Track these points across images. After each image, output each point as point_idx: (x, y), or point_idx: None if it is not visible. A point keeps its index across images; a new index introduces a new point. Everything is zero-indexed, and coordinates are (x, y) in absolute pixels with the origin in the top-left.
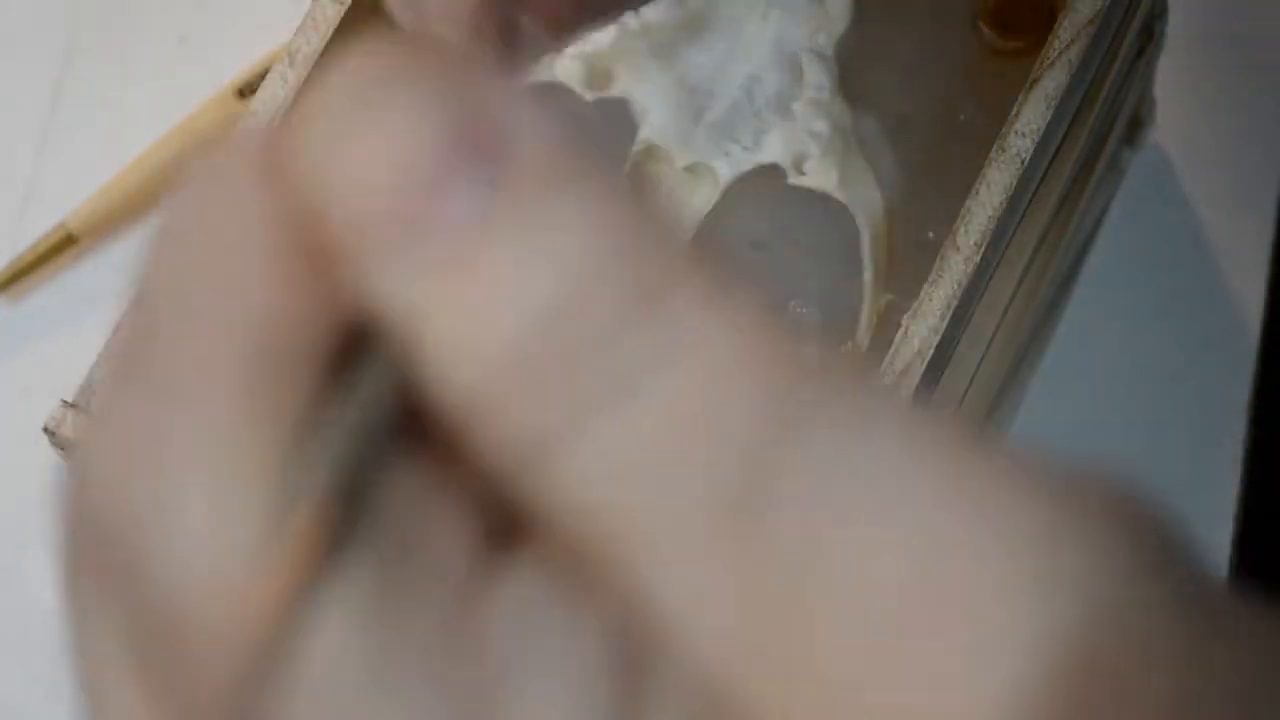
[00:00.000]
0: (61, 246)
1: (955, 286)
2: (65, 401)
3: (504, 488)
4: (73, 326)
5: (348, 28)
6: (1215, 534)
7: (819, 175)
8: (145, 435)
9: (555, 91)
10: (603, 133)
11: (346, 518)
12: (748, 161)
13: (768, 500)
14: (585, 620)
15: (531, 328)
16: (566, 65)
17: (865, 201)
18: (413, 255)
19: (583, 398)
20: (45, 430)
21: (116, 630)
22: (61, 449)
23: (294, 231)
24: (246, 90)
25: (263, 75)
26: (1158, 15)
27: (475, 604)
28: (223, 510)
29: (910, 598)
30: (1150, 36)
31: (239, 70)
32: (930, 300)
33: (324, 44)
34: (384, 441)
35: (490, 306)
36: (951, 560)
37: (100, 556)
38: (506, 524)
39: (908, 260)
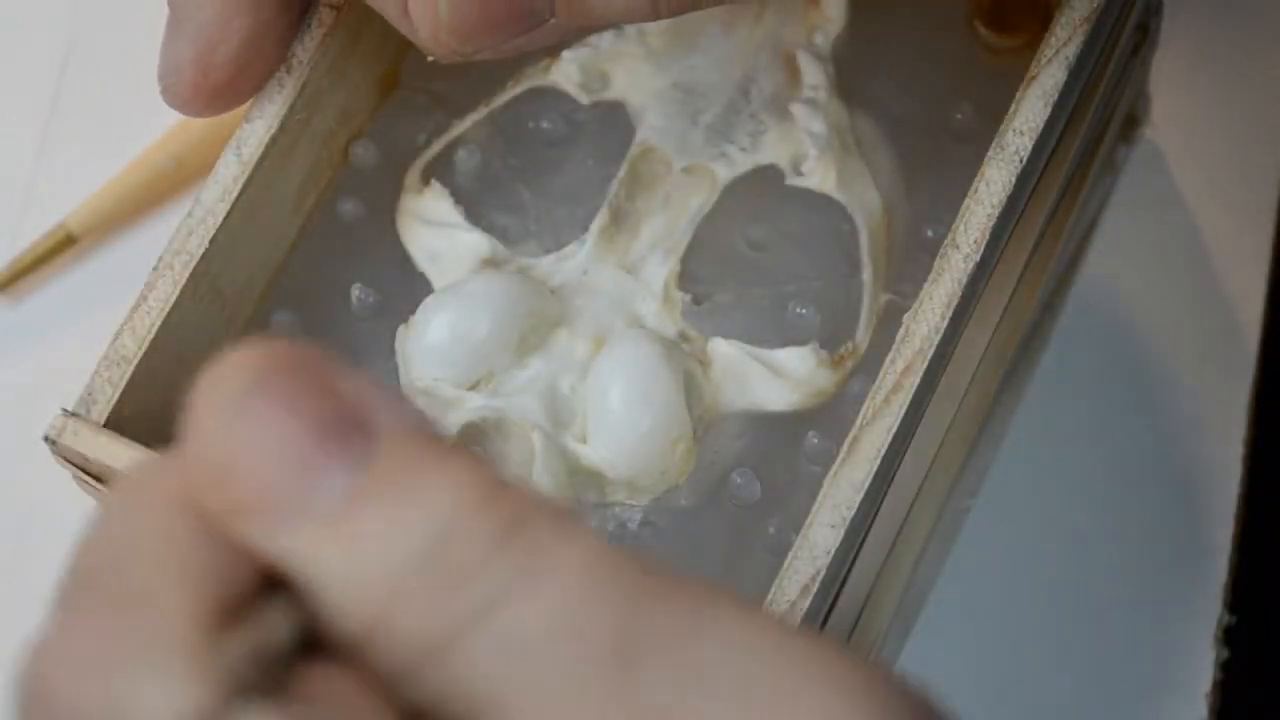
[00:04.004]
0: (61, 246)
1: (956, 285)
2: (65, 410)
3: (398, 687)
4: (73, 326)
5: (344, 33)
6: (1215, 533)
7: (817, 176)
8: (94, 640)
9: (552, 96)
10: (599, 136)
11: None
12: (745, 163)
13: (633, 678)
14: None
15: (409, 563)
16: (562, 69)
17: (863, 201)
18: (299, 520)
19: (463, 609)
20: (46, 439)
21: None
22: (62, 458)
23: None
24: None
25: None
26: (1153, 11)
27: None
28: (170, 694)
29: None
30: (1145, 33)
31: None
32: (931, 299)
33: (320, 49)
34: (295, 646)
35: (369, 552)
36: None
37: None
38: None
39: (907, 259)
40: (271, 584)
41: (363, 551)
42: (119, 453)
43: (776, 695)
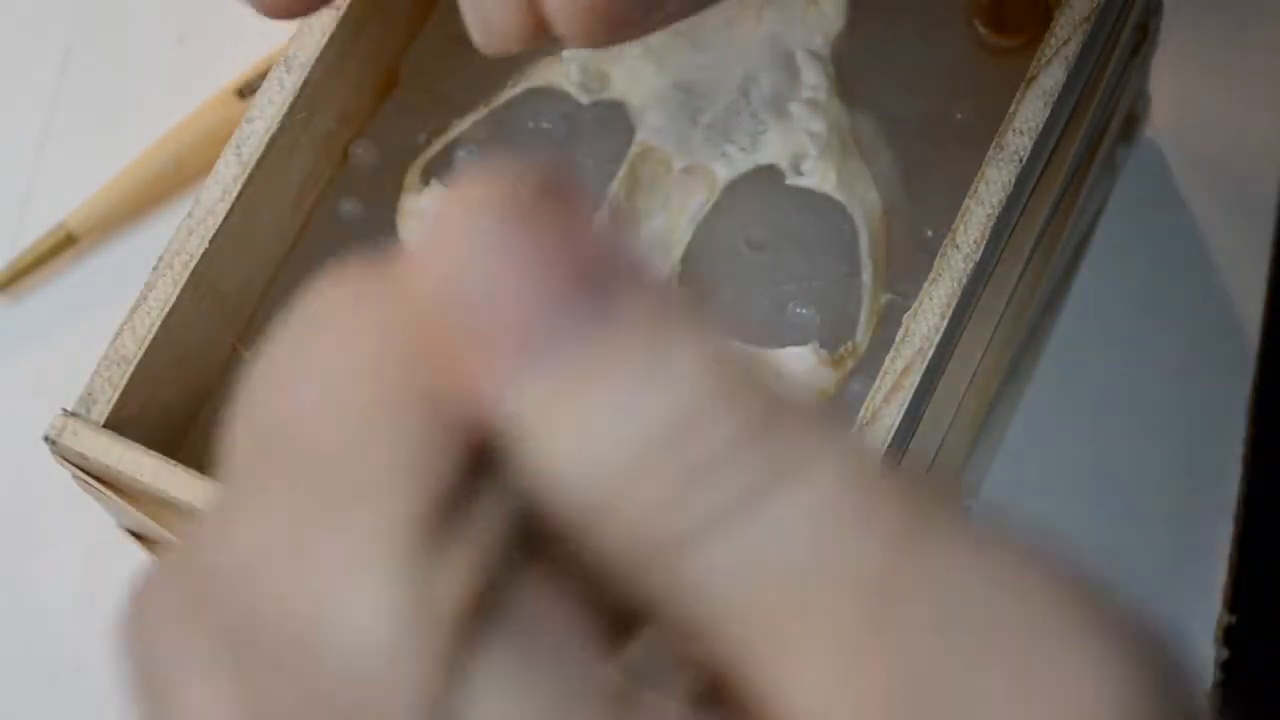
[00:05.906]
0: (61, 246)
1: (955, 284)
2: (65, 410)
3: (621, 589)
4: (73, 326)
5: (344, 34)
6: (1216, 533)
7: (817, 176)
8: (296, 529)
9: (552, 96)
10: (599, 136)
11: (486, 612)
12: (745, 163)
13: (892, 615)
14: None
15: (652, 442)
16: (562, 69)
17: (863, 201)
18: (531, 377)
19: (707, 505)
20: (46, 439)
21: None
22: (62, 458)
23: (422, 345)
24: (246, 91)
25: (262, 76)
26: (1153, 11)
27: (596, 681)
28: (382, 606)
29: (1006, 710)
30: (1145, 33)
31: (239, 71)
32: (930, 299)
33: (320, 49)
34: (511, 546)
35: (606, 424)
36: (1045, 689)
37: (231, 638)
38: (620, 626)
39: (906, 259)
40: (480, 466)
41: (599, 422)
42: (119, 453)
43: (1039, 665)
